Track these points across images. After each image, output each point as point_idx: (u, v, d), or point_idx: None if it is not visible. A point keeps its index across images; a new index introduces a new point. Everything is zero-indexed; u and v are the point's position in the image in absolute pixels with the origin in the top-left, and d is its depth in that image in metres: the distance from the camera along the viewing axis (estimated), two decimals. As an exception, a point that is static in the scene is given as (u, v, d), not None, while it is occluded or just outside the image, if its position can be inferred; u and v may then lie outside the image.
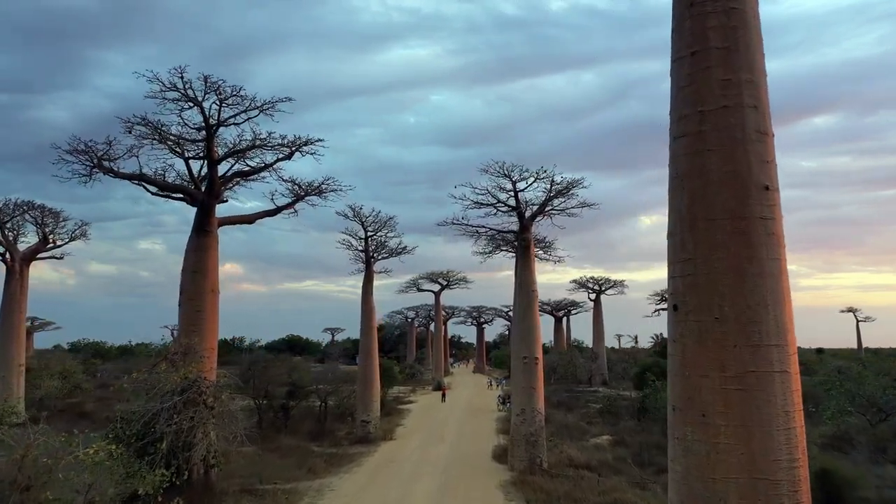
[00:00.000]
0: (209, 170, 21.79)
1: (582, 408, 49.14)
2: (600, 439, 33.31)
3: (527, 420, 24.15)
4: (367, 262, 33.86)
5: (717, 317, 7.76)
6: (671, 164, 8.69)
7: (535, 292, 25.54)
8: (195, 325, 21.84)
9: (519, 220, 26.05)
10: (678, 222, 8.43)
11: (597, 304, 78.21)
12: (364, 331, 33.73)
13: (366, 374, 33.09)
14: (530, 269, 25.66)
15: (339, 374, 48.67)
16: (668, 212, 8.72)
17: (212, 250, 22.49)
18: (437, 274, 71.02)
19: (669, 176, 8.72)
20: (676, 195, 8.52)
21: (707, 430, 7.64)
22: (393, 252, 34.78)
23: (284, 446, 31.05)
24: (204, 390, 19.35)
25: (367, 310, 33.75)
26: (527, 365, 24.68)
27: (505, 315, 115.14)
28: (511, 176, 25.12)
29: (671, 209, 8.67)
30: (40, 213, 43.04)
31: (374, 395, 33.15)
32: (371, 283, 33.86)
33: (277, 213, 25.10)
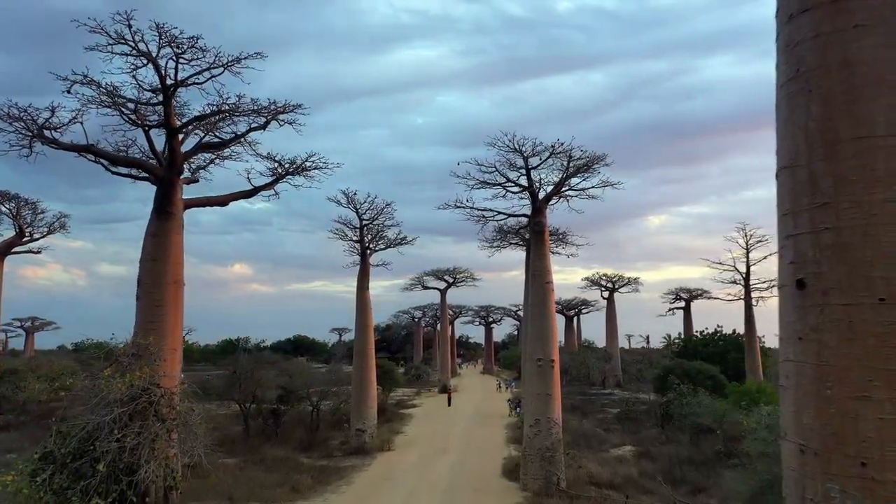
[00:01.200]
0: (168, 140, 18.59)
1: (598, 412, 45.72)
2: (622, 450, 29.96)
3: (542, 432, 20.86)
4: (363, 255, 30.63)
5: (882, 297, 4.36)
6: (786, 57, 5.27)
7: (550, 284, 22.24)
8: (154, 323, 18.65)
9: (532, 201, 22.73)
10: (803, 146, 5.00)
11: (610, 302, 74.76)
12: (359, 329, 30.50)
13: (361, 377, 29.87)
14: (545, 257, 22.37)
15: (341, 375, 45.58)
16: (780, 134, 5.29)
17: (174, 235, 19.29)
18: (443, 271, 67.76)
19: (781, 79, 5.31)
20: (797, 104, 5.07)
21: (872, 489, 4.31)
22: (391, 243, 31.56)
23: (271, 458, 27.87)
24: (156, 399, 16.19)
25: (363, 306, 30.50)
26: (541, 368, 21.39)
27: (514, 314, 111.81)
28: (522, 151, 21.82)
29: (786, 127, 5.17)
30: (15, 204, 40.20)
31: (371, 400, 29.93)
32: (367, 276, 30.62)
33: (254, 194, 21.91)
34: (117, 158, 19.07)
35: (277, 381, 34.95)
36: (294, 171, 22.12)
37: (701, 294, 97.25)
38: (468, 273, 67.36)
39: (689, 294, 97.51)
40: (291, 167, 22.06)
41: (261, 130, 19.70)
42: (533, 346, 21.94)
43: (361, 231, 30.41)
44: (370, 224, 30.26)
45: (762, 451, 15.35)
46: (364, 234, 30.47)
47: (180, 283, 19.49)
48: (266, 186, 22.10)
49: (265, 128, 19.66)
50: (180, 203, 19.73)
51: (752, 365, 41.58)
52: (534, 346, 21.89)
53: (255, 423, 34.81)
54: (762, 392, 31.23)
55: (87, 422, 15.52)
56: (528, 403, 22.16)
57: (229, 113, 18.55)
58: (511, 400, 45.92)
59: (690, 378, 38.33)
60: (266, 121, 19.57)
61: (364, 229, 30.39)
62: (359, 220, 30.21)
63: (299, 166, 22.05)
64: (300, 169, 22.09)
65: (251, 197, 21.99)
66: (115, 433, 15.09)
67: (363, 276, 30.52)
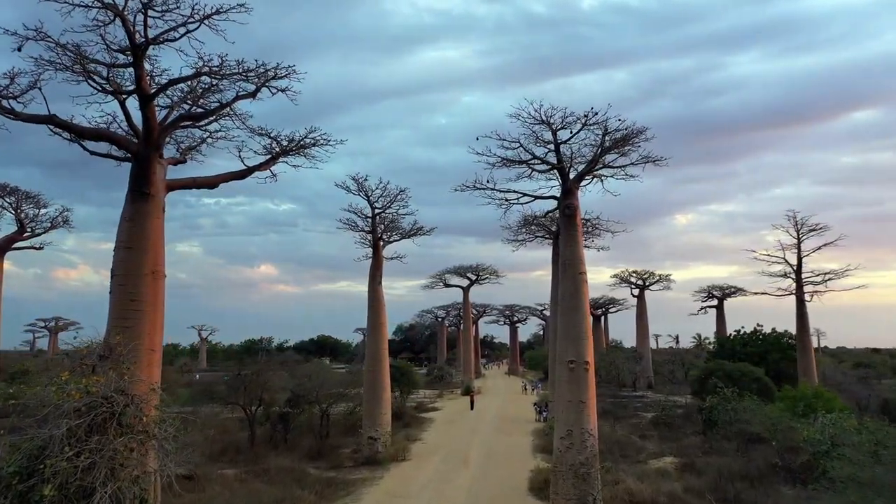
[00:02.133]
0: (142, 109, 16.07)
1: (630, 417, 42.59)
2: (662, 461, 26.91)
3: (574, 445, 18.00)
4: (375, 246, 27.95)
5: None
6: None
7: (583, 275, 19.36)
8: (128, 320, 16.11)
9: (561, 181, 19.87)
10: None
11: (640, 300, 71.34)
12: (371, 328, 27.84)
13: (374, 380, 27.21)
14: (576, 244, 19.50)
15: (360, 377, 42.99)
16: None
17: (153, 219, 16.76)
18: (466, 268, 64.89)
19: None
20: None
21: None
22: (406, 233, 28.85)
23: (275, 468, 25.38)
24: (119, 409, 13.67)
25: (376, 303, 27.84)
26: (574, 372, 18.52)
27: (539, 314, 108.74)
28: (551, 122, 18.97)
29: None
30: (16, 198, 38.31)
31: (384, 405, 27.27)
32: (380, 270, 27.94)
33: (248, 174, 19.32)
34: (84, 131, 16.57)
35: (285, 383, 32.52)
36: (292, 148, 19.54)
37: (735, 292, 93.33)
38: (491, 270, 64.42)
39: (721, 292, 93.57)
40: (289, 145, 19.48)
41: (250, 99, 17.09)
42: (564, 346, 19.08)
43: (373, 220, 27.75)
44: (383, 212, 27.60)
45: (853, 474, 12.40)
46: (376, 223, 27.82)
47: (160, 275, 16.96)
48: (261, 166, 19.52)
49: (255, 96, 17.04)
50: (160, 183, 17.20)
51: (806, 366, 38.14)
52: (565, 347, 19.03)
53: (262, 428, 32.45)
54: (819, 397, 28.03)
55: (35, 436, 13.09)
56: (558, 412, 19.29)
57: (210, 74, 15.95)
58: (537, 403, 43.05)
59: (733, 381, 35.15)
60: (256, 87, 16.97)
61: (376, 218, 27.74)
62: (370, 208, 27.56)
63: (298, 143, 19.46)
64: (299, 146, 19.49)
65: (244, 178, 19.38)
66: (66, 450, 12.62)
67: (376, 270, 27.86)
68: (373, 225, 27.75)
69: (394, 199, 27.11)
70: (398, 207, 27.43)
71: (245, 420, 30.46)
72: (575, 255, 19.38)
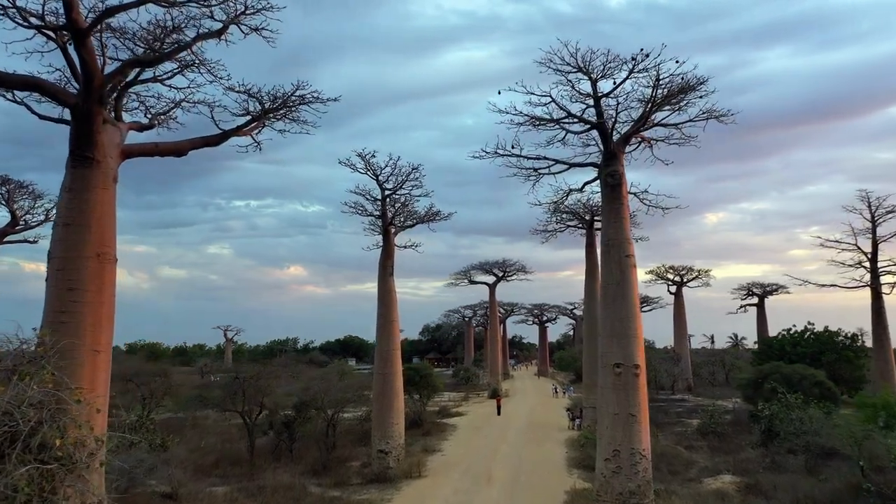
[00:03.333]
0: (77, 49, 12.83)
1: (673, 424, 38.58)
2: (719, 480, 22.97)
3: (623, 469, 14.32)
4: (385, 233, 24.46)
5: None
6: None
7: (631, 258, 15.66)
8: (65, 314, 12.79)
9: (602, 144, 16.19)
10: None
11: (677, 297, 66.86)
12: (381, 326, 24.30)
13: (384, 386, 23.69)
14: (622, 221, 15.79)
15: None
16: None
17: (99, 190, 13.40)
18: (492, 264, 61.11)
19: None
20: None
21: None
22: (420, 218, 25.29)
23: (272, 486, 22.07)
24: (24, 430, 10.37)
25: (386, 297, 24.32)
26: (621, 378, 14.82)
27: (569, 313, 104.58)
28: (589, 70, 15.30)
29: None
30: (7, 189, 35.66)
31: (396, 414, 23.74)
32: (390, 259, 24.41)
33: (223, 140, 15.93)
34: (7, 79, 13.34)
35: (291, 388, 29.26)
36: (276, 108, 16.13)
37: (777, 289, 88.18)
38: (519, 266, 60.52)
39: (762, 289, 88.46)
40: (273, 104, 16.07)
41: (216, 39, 13.71)
42: (608, 346, 15.38)
43: (383, 203, 24.24)
44: (393, 194, 24.08)
45: None
46: (386, 206, 24.31)
47: (108, 258, 13.56)
48: (239, 130, 16.13)
49: (222, 35, 13.66)
50: (110, 147, 13.82)
51: (884, 369, 33.70)
52: (609, 347, 15.33)
53: (266, 437, 29.19)
54: (906, 405, 23.80)
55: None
56: (602, 427, 15.58)
57: (159, 2, 12.59)
58: (570, 409, 39.18)
59: (791, 384, 31.01)
60: (223, 25, 13.60)
61: (386, 201, 24.23)
62: (379, 189, 24.07)
63: (283, 101, 16.04)
64: (283, 105, 16.07)
65: (219, 144, 16.00)
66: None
67: (386, 259, 24.35)
68: (382, 208, 24.25)
69: (406, 178, 23.59)
70: (411, 188, 23.91)
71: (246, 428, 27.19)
72: (620, 234, 15.67)
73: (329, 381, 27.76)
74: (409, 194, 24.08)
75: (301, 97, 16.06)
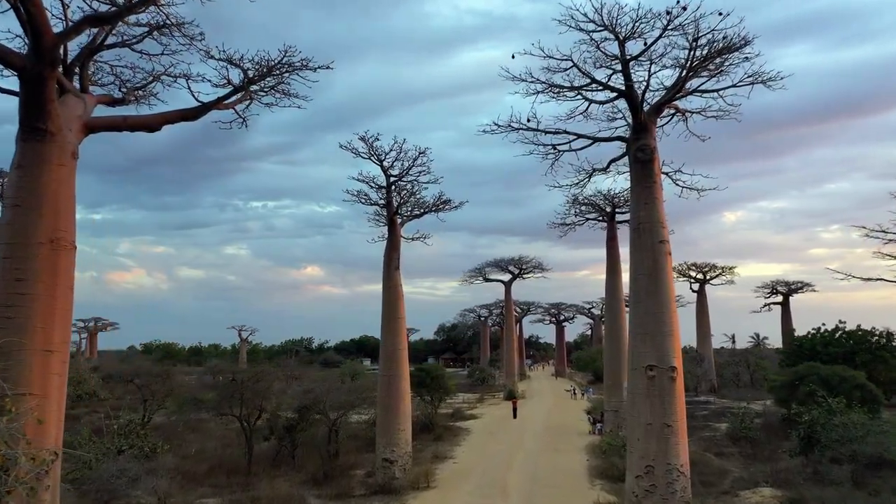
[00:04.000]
0: (23, 2, 11.06)
1: (700, 428, 36.30)
2: (758, 493, 20.76)
3: (658, 489, 12.28)
4: (391, 223, 22.55)
5: None
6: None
7: (665, 245, 13.62)
8: (12, 308, 11.03)
9: (632, 114, 14.13)
10: None
11: (700, 296, 64.36)
12: (386, 323, 22.38)
13: (389, 389, 21.77)
14: (655, 201, 13.72)
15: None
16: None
17: (53, 167, 11.56)
18: (507, 261, 58.98)
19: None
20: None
21: None
22: (428, 207, 23.32)
23: (267, 496, 20.26)
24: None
25: (391, 293, 22.40)
26: (655, 382, 12.77)
27: (587, 312, 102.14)
28: (616, 28, 13.27)
29: None
30: (3, 181, 34.22)
31: (402, 419, 21.81)
32: (396, 251, 22.49)
33: (202, 114, 14.08)
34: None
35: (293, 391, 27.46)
36: (262, 76, 14.26)
37: (802, 287, 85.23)
38: (535, 263, 58.33)
39: (787, 287, 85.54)
40: (258, 72, 14.21)
41: (185, -8, 11.88)
42: (639, 345, 13.33)
43: (388, 191, 22.33)
44: (399, 180, 22.16)
45: None
46: (392, 194, 22.40)
47: (64, 245, 11.69)
48: (220, 102, 14.27)
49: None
50: (67, 119, 11.98)
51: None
52: (640, 347, 13.28)
53: (268, 443, 27.38)
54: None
55: None
56: (633, 438, 13.53)
57: None
58: (590, 412, 37.05)
59: (830, 387, 28.70)
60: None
61: (391, 188, 22.31)
62: (384, 175, 22.15)
63: (269, 69, 14.16)
64: (270, 74, 14.20)
65: (198, 118, 14.13)
66: None
67: (392, 252, 22.43)
68: (387, 197, 22.35)
69: (412, 163, 21.65)
70: (418, 174, 21.96)
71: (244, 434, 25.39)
72: (653, 217, 13.61)
73: (331, 383, 25.85)
74: (416, 181, 22.15)
75: (289, 64, 14.16)
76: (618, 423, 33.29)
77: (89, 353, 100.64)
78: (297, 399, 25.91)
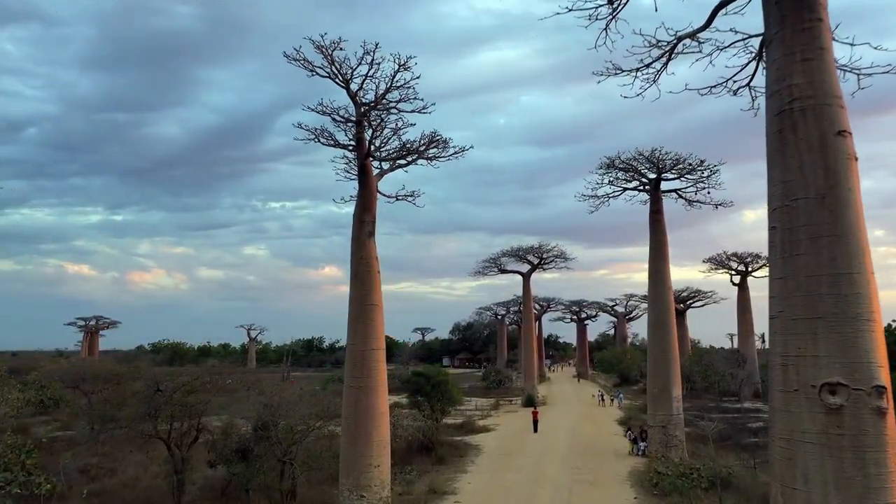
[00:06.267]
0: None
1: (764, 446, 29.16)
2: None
3: None
4: (362, 170, 15.79)
5: None
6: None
7: (847, 140, 6.79)
8: None
9: None
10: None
11: (741, 289, 56.85)
12: (355, 313, 15.58)
13: (356, 410, 14.94)
14: (823, 53, 6.93)
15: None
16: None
17: None
18: (526, 250, 51.91)
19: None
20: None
21: None
22: (414, 148, 16.42)
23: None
24: None
25: (362, 267, 15.57)
26: (844, 417, 5.96)
27: (610, 310, 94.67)
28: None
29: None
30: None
31: (375, 453, 14.91)
32: (370, 211, 15.66)
33: None
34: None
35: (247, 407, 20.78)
36: None
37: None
38: (558, 251, 51.17)
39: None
40: None
41: None
42: (801, 343, 6.45)
43: (359, 126, 15.55)
44: (374, 108, 15.34)
45: None
46: (364, 131, 15.61)
47: None
48: None
49: None
50: None
51: None
52: (804, 345, 6.42)
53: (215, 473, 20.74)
54: None
55: None
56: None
57: None
58: (630, 427, 29.94)
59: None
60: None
61: (363, 122, 15.51)
62: (353, 104, 15.36)
63: None
64: None
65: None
66: None
67: (363, 211, 15.62)
68: (358, 133, 15.57)
69: (390, 82, 14.83)
70: (398, 99, 15.11)
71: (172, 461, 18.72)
72: (820, 86, 6.70)
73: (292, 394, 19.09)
74: (397, 108, 15.27)
75: None
76: (666, 441, 26.27)
77: (86, 353, 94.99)
78: (256, 414, 19.24)
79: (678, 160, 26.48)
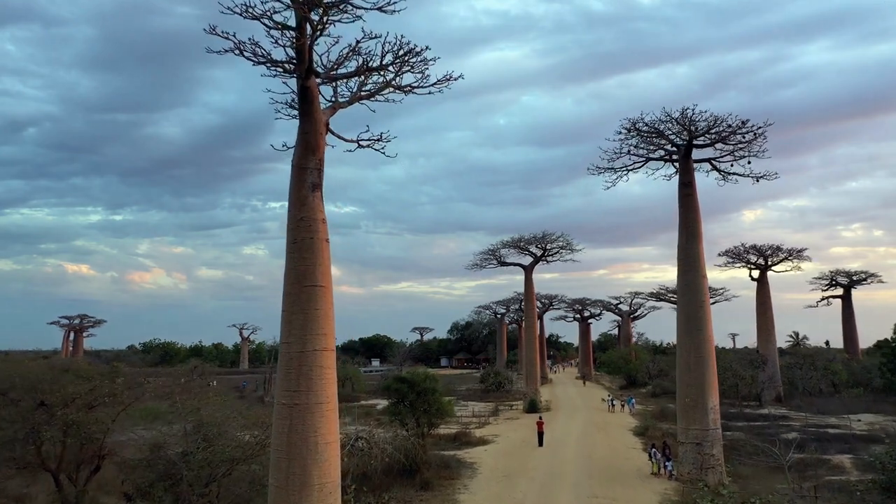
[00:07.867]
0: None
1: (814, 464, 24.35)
2: None
3: None
4: (304, 95, 11.06)
5: None
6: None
7: None
8: None
9: None
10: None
11: (761, 285, 52.05)
12: (294, 299, 10.81)
13: (290, 438, 10.24)
14: None
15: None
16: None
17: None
18: (529, 240, 47.04)
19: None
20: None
21: None
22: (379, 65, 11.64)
23: None
24: None
25: (304, 233, 10.88)
26: None
27: (614, 308, 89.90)
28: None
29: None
30: None
31: (317, 493, 10.25)
32: (315, 153, 10.93)
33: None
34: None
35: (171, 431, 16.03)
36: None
37: (866, 278, 72.56)
38: (564, 241, 46.30)
39: (849, 278, 72.88)
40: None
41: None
42: None
43: (300, 30, 10.82)
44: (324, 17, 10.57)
45: None
46: (306, 37, 10.87)
47: None
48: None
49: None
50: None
51: None
52: None
53: None
54: None
55: None
56: None
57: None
58: (654, 445, 25.01)
59: None
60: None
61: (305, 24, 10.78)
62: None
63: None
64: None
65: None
66: None
67: (305, 155, 10.88)
68: (297, 42, 10.85)
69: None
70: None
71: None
72: None
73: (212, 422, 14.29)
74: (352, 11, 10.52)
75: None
76: (701, 462, 21.50)
77: (67, 352, 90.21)
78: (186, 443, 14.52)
79: (715, 121, 21.70)
